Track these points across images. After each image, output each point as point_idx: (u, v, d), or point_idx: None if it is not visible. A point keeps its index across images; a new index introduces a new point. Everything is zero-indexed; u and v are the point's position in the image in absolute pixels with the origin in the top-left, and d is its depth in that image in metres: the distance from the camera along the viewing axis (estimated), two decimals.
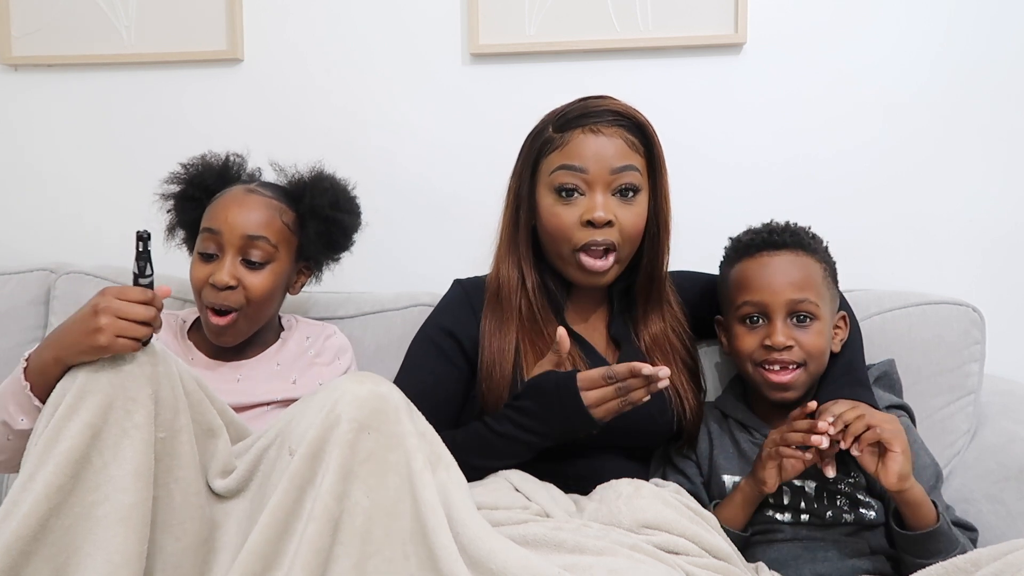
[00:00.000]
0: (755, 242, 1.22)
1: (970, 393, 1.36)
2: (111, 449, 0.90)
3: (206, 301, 1.23)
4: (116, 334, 0.92)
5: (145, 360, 0.94)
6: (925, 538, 1.05)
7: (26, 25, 1.70)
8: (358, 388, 0.93)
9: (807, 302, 1.17)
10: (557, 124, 1.19)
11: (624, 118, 1.18)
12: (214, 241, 1.23)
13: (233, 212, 1.23)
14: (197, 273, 1.23)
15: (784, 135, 1.59)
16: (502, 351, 1.19)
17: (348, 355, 1.35)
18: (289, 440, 0.94)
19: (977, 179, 1.57)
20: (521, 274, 1.22)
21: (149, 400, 0.93)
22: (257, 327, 1.28)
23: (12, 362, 1.47)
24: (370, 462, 0.90)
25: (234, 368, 1.28)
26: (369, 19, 1.64)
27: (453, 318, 1.25)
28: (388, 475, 0.91)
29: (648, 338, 1.24)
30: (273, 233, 1.24)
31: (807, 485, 1.17)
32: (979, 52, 1.55)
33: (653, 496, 1.07)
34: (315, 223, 1.28)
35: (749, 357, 1.20)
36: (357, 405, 0.91)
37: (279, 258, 1.25)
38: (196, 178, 1.32)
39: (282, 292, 1.30)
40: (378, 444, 0.91)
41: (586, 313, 1.27)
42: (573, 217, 1.16)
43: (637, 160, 1.18)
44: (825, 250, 1.25)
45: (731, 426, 1.26)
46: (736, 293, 1.22)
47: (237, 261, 1.22)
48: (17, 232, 1.74)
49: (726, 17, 1.56)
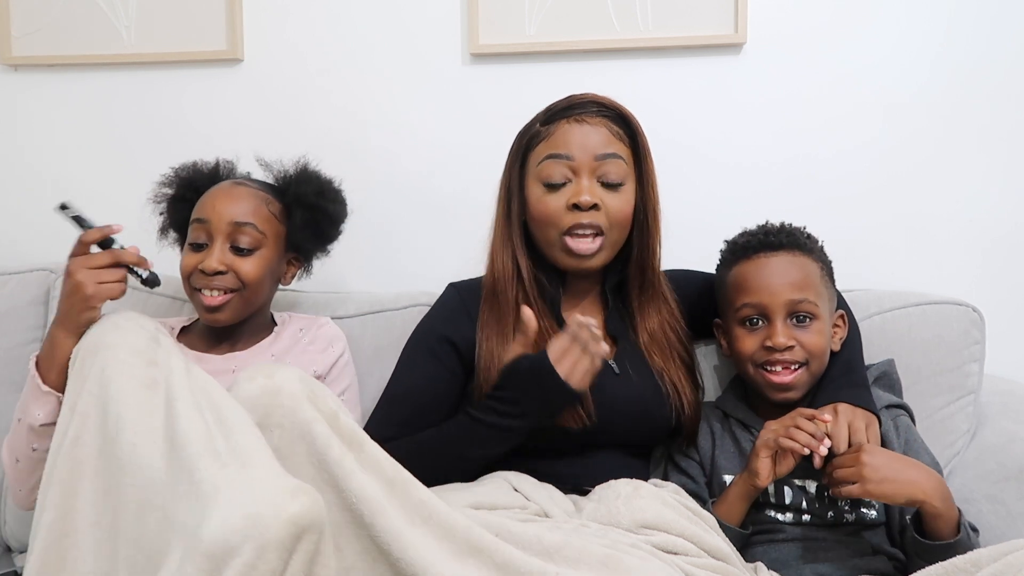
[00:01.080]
0: (751, 244, 1.22)
1: (970, 393, 1.36)
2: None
3: (195, 285, 1.25)
4: (95, 280, 1.02)
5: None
6: (944, 549, 1.03)
7: (26, 25, 1.70)
8: (249, 386, 0.91)
9: (806, 302, 1.17)
10: (544, 118, 1.22)
11: (608, 109, 1.20)
12: (203, 230, 1.25)
13: (221, 201, 1.26)
14: (187, 261, 1.26)
15: (784, 135, 1.59)
16: (499, 346, 1.19)
17: (341, 343, 1.36)
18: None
19: (977, 179, 1.57)
20: (516, 264, 1.23)
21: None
22: (251, 310, 1.29)
23: (12, 362, 1.50)
24: (279, 460, 0.87)
25: (228, 359, 1.29)
26: (369, 19, 1.64)
27: (446, 321, 1.26)
28: (303, 468, 0.88)
29: (645, 334, 1.25)
30: (260, 220, 1.26)
31: (808, 485, 1.17)
32: (979, 52, 1.55)
33: (652, 496, 1.07)
34: (301, 211, 1.31)
35: (750, 359, 1.20)
36: (250, 406, 0.90)
37: (267, 244, 1.27)
38: (186, 181, 1.34)
39: (272, 281, 1.32)
40: (283, 439, 0.89)
41: (582, 310, 1.27)
42: (560, 203, 1.18)
43: (622, 149, 1.20)
44: (821, 249, 1.25)
45: (732, 426, 1.26)
46: (735, 295, 1.22)
47: (226, 248, 1.24)
48: (17, 232, 1.74)
49: (726, 17, 1.56)
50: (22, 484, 1.10)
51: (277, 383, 0.91)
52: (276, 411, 0.90)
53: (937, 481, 1.05)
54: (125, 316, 1.03)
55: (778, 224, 1.25)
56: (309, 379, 0.94)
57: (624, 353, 1.23)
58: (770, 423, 1.13)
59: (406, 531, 0.87)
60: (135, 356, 0.94)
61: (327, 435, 0.89)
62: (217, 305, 1.24)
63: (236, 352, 1.30)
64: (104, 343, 0.96)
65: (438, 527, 0.89)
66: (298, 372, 0.94)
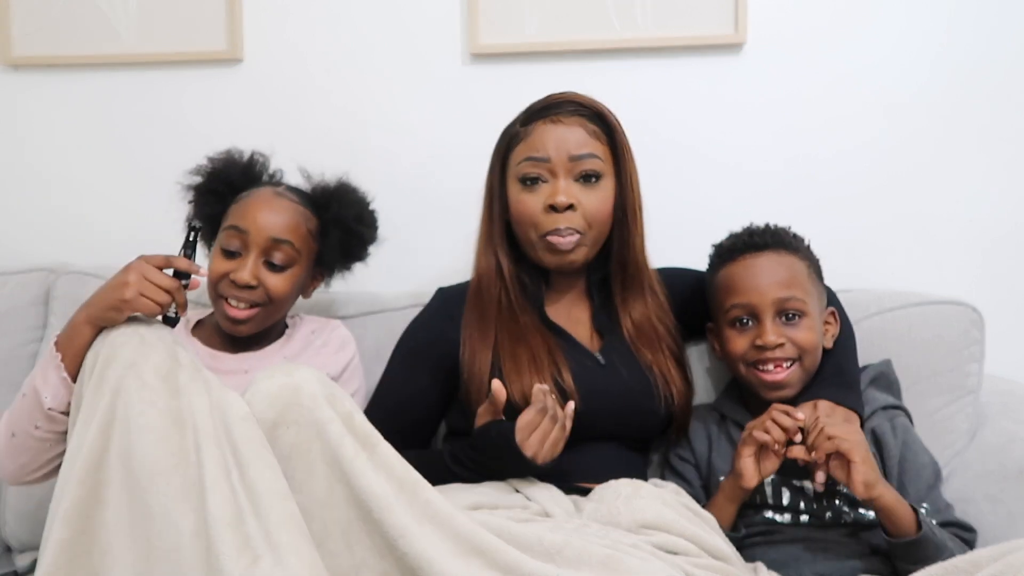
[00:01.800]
0: (737, 245, 1.23)
1: (970, 393, 1.36)
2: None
3: (221, 292, 1.24)
4: (140, 292, 1.02)
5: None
6: (908, 546, 1.05)
7: (26, 25, 1.70)
8: (268, 384, 0.93)
9: (794, 299, 1.18)
10: (523, 119, 1.23)
11: (584, 108, 1.21)
12: (240, 239, 1.24)
13: (263, 213, 1.24)
14: (217, 267, 1.24)
15: (784, 135, 1.59)
16: (481, 344, 1.21)
17: (351, 348, 1.36)
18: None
19: (977, 179, 1.57)
20: (498, 262, 1.25)
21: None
22: (271, 323, 1.30)
23: (12, 362, 1.50)
24: (294, 457, 0.90)
25: (241, 360, 1.29)
26: (369, 19, 1.64)
27: (429, 327, 1.28)
28: (316, 466, 0.90)
29: (631, 326, 1.25)
30: (298, 238, 1.26)
31: (806, 486, 1.17)
32: (979, 52, 1.55)
33: (652, 496, 1.07)
34: (338, 233, 1.31)
35: (741, 359, 1.21)
36: (268, 402, 0.92)
37: (300, 263, 1.27)
38: (221, 172, 1.32)
39: (297, 295, 1.32)
40: (299, 437, 0.91)
41: (567, 307, 1.28)
42: (537, 204, 1.19)
43: (599, 148, 1.20)
44: (807, 248, 1.26)
45: (729, 427, 1.26)
46: (724, 297, 1.22)
47: (260, 262, 1.23)
48: (17, 232, 1.74)
49: (726, 17, 1.56)
50: (12, 460, 1.08)
51: (296, 382, 0.93)
52: (294, 409, 0.91)
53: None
54: (148, 326, 1.01)
55: (762, 225, 1.26)
56: (327, 380, 0.96)
57: (611, 346, 1.24)
58: (749, 423, 1.14)
59: (413, 527, 0.89)
60: (160, 381, 0.94)
61: (341, 434, 0.92)
62: (243, 319, 1.24)
63: (249, 352, 1.30)
64: (127, 359, 0.95)
65: (444, 527, 0.90)
66: (317, 373, 0.96)
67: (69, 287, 1.51)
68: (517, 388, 1.16)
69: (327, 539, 0.90)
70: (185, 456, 0.89)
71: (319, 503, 0.90)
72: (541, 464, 1.08)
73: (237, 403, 0.94)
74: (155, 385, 0.93)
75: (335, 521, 0.90)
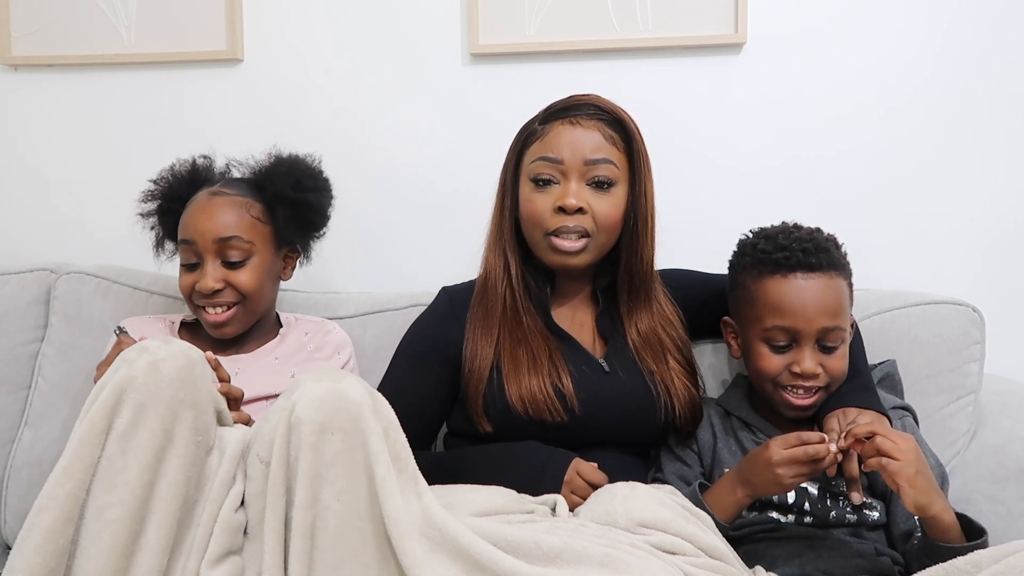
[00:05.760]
0: (789, 261, 1.16)
1: (970, 393, 1.36)
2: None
3: (196, 303, 1.26)
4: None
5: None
6: (951, 551, 0.98)
7: (26, 25, 1.70)
8: (316, 387, 0.91)
9: (837, 330, 1.15)
10: (543, 117, 1.23)
11: (604, 112, 1.20)
12: (191, 250, 1.26)
13: (201, 219, 1.25)
14: (184, 282, 1.27)
15: (784, 135, 1.59)
16: (484, 341, 1.21)
17: (347, 350, 1.36)
18: (256, 445, 0.93)
19: (976, 179, 1.57)
20: (506, 261, 1.24)
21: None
22: (256, 317, 1.30)
23: (12, 362, 1.50)
24: (337, 464, 0.88)
25: (232, 361, 1.28)
26: (369, 19, 1.64)
27: (434, 325, 1.27)
28: (358, 476, 0.89)
29: (636, 335, 1.25)
30: (244, 230, 1.26)
31: (810, 486, 1.17)
32: (979, 52, 1.55)
33: (648, 496, 1.07)
34: (283, 209, 1.29)
35: (772, 380, 1.18)
36: (316, 406, 0.89)
37: (258, 251, 1.27)
38: (167, 191, 1.34)
39: (273, 282, 1.31)
40: (344, 444, 0.89)
41: (572, 310, 1.28)
42: (547, 204, 1.18)
43: (615, 154, 1.19)
44: (848, 262, 1.22)
45: (734, 424, 1.26)
46: (764, 312, 1.17)
47: (217, 264, 1.24)
48: (17, 232, 1.74)
49: (726, 17, 1.56)
50: None
51: (344, 388, 0.91)
52: (341, 415, 0.89)
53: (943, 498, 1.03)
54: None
55: (809, 235, 1.20)
56: (371, 388, 0.94)
57: (614, 352, 1.24)
58: (778, 450, 1.06)
59: (423, 560, 0.87)
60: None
61: (380, 449, 0.89)
62: (223, 321, 1.25)
63: (241, 354, 1.30)
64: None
65: (450, 549, 0.89)
66: (362, 381, 0.94)
67: (69, 287, 1.51)
68: (515, 390, 1.16)
69: (363, 549, 0.88)
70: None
71: (356, 514, 0.88)
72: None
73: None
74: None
75: (372, 534, 0.88)
